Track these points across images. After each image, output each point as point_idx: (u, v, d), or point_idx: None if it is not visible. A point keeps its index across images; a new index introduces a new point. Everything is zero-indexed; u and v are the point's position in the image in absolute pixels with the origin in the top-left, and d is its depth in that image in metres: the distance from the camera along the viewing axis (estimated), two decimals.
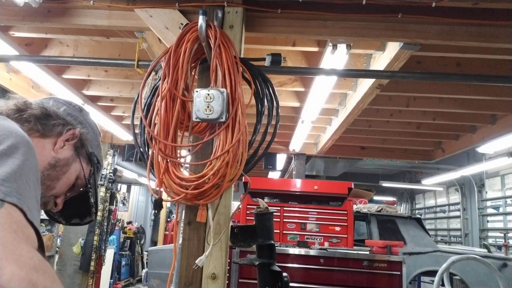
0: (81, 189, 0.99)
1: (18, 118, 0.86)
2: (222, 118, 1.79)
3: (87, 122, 1.02)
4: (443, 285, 3.57)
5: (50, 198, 0.91)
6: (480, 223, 10.54)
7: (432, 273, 4.98)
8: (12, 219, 0.56)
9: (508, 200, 9.61)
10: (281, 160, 7.57)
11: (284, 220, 4.92)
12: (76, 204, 1.00)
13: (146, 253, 8.63)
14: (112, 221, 5.69)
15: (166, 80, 1.87)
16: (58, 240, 5.70)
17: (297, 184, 5.19)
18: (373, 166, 12.06)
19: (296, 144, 5.97)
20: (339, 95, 4.39)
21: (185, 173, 1.88)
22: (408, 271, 5.04)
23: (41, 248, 0.62)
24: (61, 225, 5.72)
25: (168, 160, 1.83)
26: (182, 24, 2.22)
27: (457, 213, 11.68)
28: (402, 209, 14.77)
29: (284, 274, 1.59)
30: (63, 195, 0.95)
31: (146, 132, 1.92)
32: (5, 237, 0.53)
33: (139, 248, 9.65)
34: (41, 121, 0.89)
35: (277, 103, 2.03)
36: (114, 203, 5.70)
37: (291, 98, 4.42)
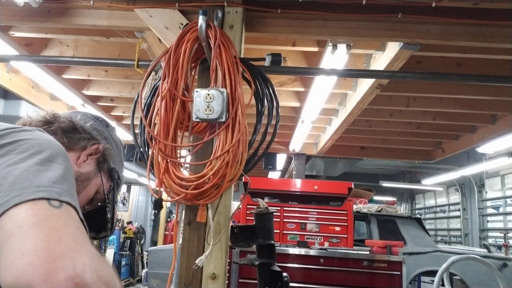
0: (99, 203, 0.99)
1: (46, 130, 0.87)
2: (222, 118, 1.79)
3: (112, 137, 1.03)
4: (443, 285, 3.57)
5: None
6: (480, 223, 10.54)
7: (432, 273, 4.97)
8: (72, 217, 0.60)
9: (508, 200, 9.61)
10: (281, 160, 7.57)
11: (284, 220, 4.92)
12: (93, 218, 0.99)
13: (146, 253, 8.63)
14: None
15: (166, 80, 1.87)
16: None
17: (297, 184, 5.18)
18: (373, 166, 12.06)
19: (296, 144, 5.97)
20: (339, 95, 4.39)
21: (185, 173, 1.88)
22: (408, 271, 5.04)
23: None
24: None
25: (168, 160, 1.83)
26: (182, 24, 2.22)
27: (457, 213, 11.68)
28: (402, 209, 14.77)
29: (284, 274, 1.59)
30: (81, 208, 0.95)
31: (146, 132, 1.92)
32: (73, 233, 0.57)
33: (139, 248, 9.64)
34: (68, 134, 0.91)
35: (277, 103, 2.03)
36: None
37: (291, 98, 4.41)
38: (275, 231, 1.77)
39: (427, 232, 6.12)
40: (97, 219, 1.00)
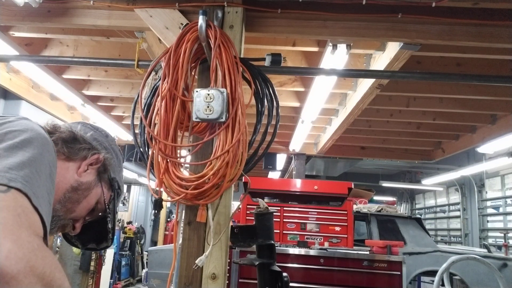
0: (100, 214, 0.99)
1: None
2: (222, 118, 1.79)
3: (111, 147, 1.03)
4: (443, 285, 3.57)
5: (69, 221, 0.92)
6: (480, 223, 10.54)
7: (432, 273, 4.98)
8: (17, 203, 0.58)
9: (508, 200, 9.61)
10: (281, 160, 7.57)
11: (284, 220, 4.92)
12: (93, 229, 1.00)
13: (146, 253, 8.63)
14: None
15: (166, 80, 1.86)
16: (58, 240, 5.69)
17: (297, 184, 5.18)
18: (373, 166, 12.06)
19: (296, 144, 5.97)
20: (339, 95, 4.39)
21: (185, 173, 1.88)
22: (408, 271, 5.04)
23: (45, 236, 0.63)
24: None
25: (168, 160, 1.83)
26: (182, 24, 2.22)
27: (457, 213, 11.68)
28: (402, 209, 14.77)
29: (284, 274, 1.59)
30: (82, 219, 0.95)
31: (146, 132, 1.92)
32: (7, 218, 0.54)
33: (139, 248, 9.63)
34: (68, 144, 0.91)
35: (277, 103, 2.03)
36: None
37: (291, 98, 4.42)
38: (275, 231, 1.77)
39: (427, 232, 6.12)
40: (98, 229, 1.00)
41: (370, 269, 3.95)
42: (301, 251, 4.09)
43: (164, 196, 1.89)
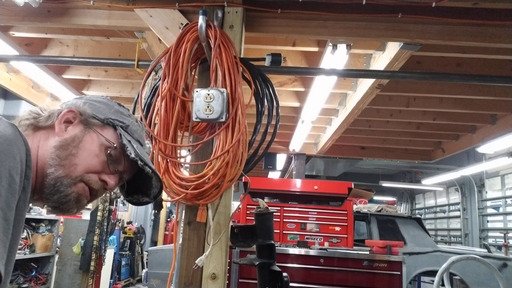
0: (119, 157, 0.92)
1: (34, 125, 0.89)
2: (222, 118, 1.79)
3: (90, 100, 0.96)
4: (443, 285, 3.57)
5: (82, 177, 0.86)
6: (480, 223, 10.55)
7: (432, 273, 4.98)
8: None
9: (508, 200, 9.61)
10: (281, 160, 7.57)
11: (284, 220, 4.92)
12: (139, 181, 0.97)
13: (146, 253, 8.62)
14: (112, 221, 5.69)
15: (166, 80, 1.87)
16: (58, 240, 5.69)
17: (297, 184, 5.18)
18: (373, 166, 12.06)
19: (296, 144, 5.97)
20: (339, 95, 4.39)
21: (185, 173, 1.88)
22: (408, 271, 5.04)
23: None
24: (61, 225, 5.73)
25: (168, 160, 1.83)
26: (182, 24, 2.22)
27: (457, 213, 11.68)
28: (402, 209, 14.77)
29: (284, 274, 1.59)
30: (107, 173, 0.90)
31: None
32: None
33: (139, 248, 9.62)
34: (34, 120, 0.89)
35: (277, 103, 2.03)
36: (114, 203, 5.69)
37: (291, 98, 4.42)
38: (275, 231, 1.77)
39: (427, 232, 6.12)
40: (141, 177, 0.96)
41: (370, 269, 3.95)
42: (301, 251, 4.09)
43: (164, 196, 1.89)
